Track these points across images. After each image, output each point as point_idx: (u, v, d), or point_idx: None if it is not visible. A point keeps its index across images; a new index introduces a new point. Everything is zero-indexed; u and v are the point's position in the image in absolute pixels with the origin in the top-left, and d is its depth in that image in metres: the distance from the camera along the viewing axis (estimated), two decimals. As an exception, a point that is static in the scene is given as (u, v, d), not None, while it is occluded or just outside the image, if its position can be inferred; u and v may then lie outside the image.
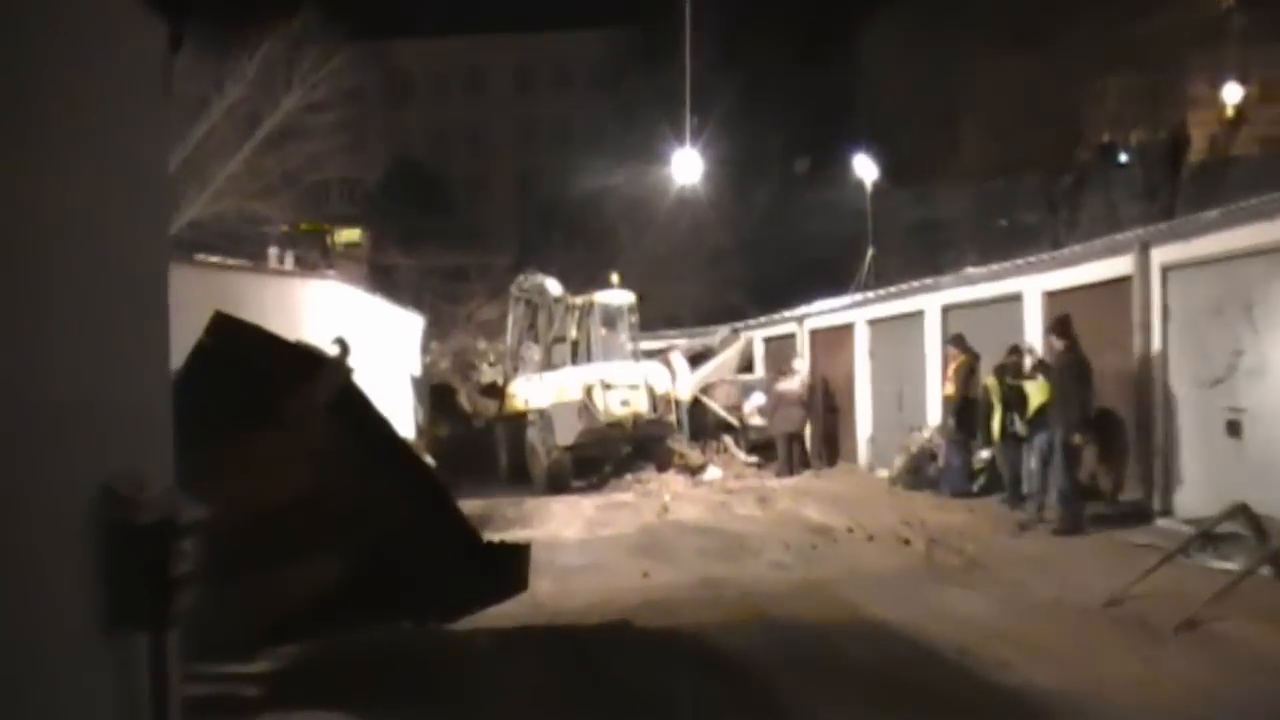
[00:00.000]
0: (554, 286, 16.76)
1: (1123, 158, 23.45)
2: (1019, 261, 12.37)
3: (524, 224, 35.06)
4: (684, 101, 21.96)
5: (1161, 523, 9.23)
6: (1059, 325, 9.60)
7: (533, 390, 16.09)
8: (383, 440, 4.12)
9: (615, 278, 16.55)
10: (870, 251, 21.81)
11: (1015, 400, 10.35)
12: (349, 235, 29.91)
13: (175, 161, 16.37)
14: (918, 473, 12.93)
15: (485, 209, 37.29)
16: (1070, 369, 9.33)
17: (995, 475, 11.44)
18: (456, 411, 19.98)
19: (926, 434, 13.14)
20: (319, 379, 3.91)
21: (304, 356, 4.17)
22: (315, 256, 19.65)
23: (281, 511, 3.75)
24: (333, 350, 11.19)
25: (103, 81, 2.62)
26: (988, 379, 10.98)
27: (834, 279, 21.66)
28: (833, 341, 17.11)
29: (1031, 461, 10.11)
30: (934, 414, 13.34)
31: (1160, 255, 9.68)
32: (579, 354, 15.80)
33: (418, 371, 18.73)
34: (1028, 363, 10.61)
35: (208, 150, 19.11)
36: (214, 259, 11.85)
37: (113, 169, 2.65)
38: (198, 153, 18.72)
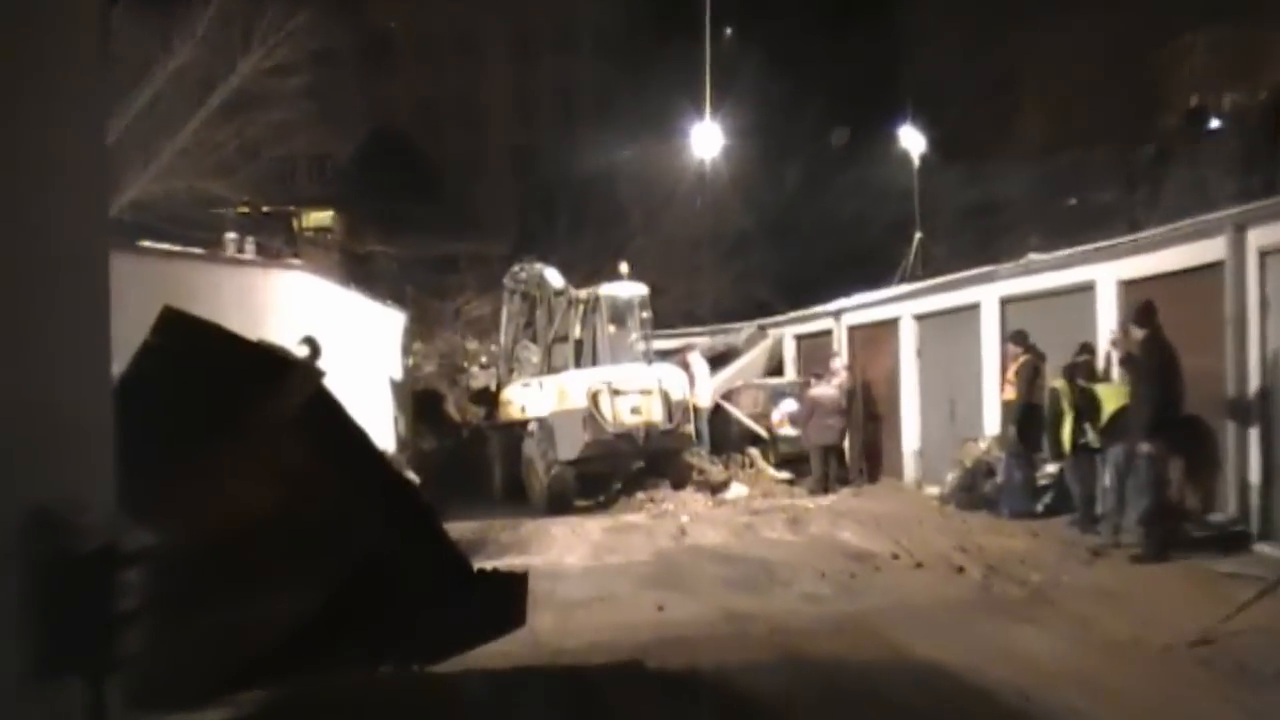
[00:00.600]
0: (555, 278, 16.77)
1: (1213, 124, 23.21)
2: (1090, 246, 12.29)
3: (521, 208, 35.14)
4: (703, 68, 21.95)
5: (1260, 548, 9.14)
6: (1141, 313, 9.50)
7: (531, 396, 16.08)
8: (359, 455, 4.10)
9: (625, 268, 16.53)
10: (917, 236, 21.77)
11: (1087, 405, 10.27)
12: (319, 219, 30.06)
13: (115, 133, 16.36)
14: (973, 490, 12.87)
15: (477, 190, 37.36)
16: (1152, 362, 9.22)
17: (1063, 493, 11.37)
18: (443, 421, 20.00)
19: (983, 445, 13.09)
20: (285, 385, 3.88)
21: (268, 359, 4.15)
22: (279, 243, 19.69)
23: (242, 538, 3.73)
24: (301, 352, 11.23)
25: (24, 37, 2.58)
26: (1055, 381, 10.91)
27: (876, 268, 21.59)
28: (874, 340, 17.06)
29: (1106, 477, 10.03)
30: (992, 422, 13.29)
31: (1258, 237, 9.58)
32: (583, 355, 15.81)
33: (399, 376, 18.76)
34: (1110, 359, 10.52)
35: (153, 120, 19.05)
36: (161, 246, 11.86)
37: (38, 141, 2.62)
38: (141, 123, 18.65)
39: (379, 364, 17.46)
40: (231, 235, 15.41)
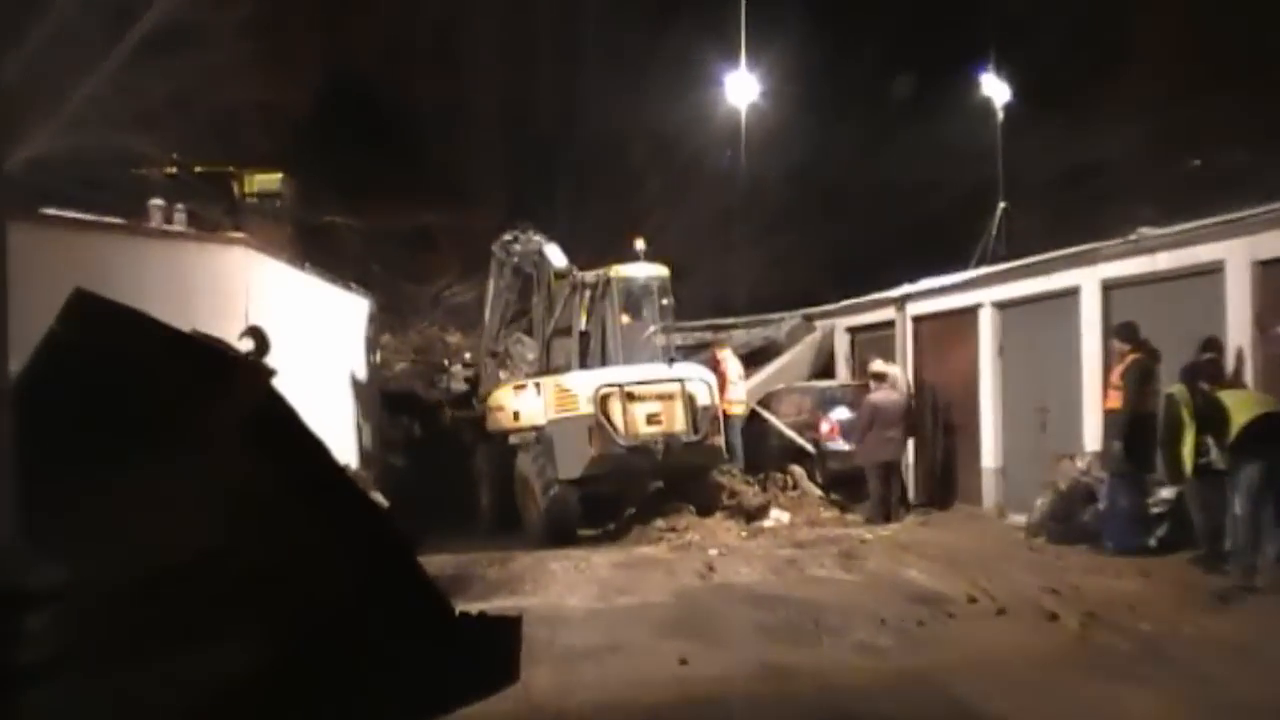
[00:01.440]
0: (557, 256, 16.79)
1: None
2: (1217, 219, 12.21)
3: (514, 172, 35.18)
4: (737, 3, 21.94)
5: None
6: None
7: (525, 401, 16.11)
8: (315, 473, 4.08)
9: (641, 245, 16.51)
10: (1001, 206, 21.75)
11: (1212, 416, 10.19)
12: (265, 182, 29.90)
13: (7, 74, 16.33)
14: (1069, 520, 12.84)
15: (460, 150, 37.37)
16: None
17: (1182, 523, 11.31)
18: (418, 431, 20.04)
19: (1082, 464, 13.06)
20: (224, 387, 3.87)
21: (203, 355, 4.13)
22: (217, 212, 19.69)
23: (175, 575, 3.71)
24: (244, 346, 11.26)
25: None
26: (1173, 386, 10.83)
27: (948, 246, 21.54)
28: (946, 333, 17.03)
29: (1236, 504, 9.96)
30: (1092, 436, 13.25)
31: None
32: (590, 350, 15.83)
33: (364, 376, 18.81)
34: (1242, 359, 10.47)
35: (58, 60, 19.01)
36: (70, 214, 11.88)
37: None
38: (43, 63, 18.62)
39: (340, 361, 17.50)
40: (157, 202, 15.41)
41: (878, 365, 16.38)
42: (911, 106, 28.98)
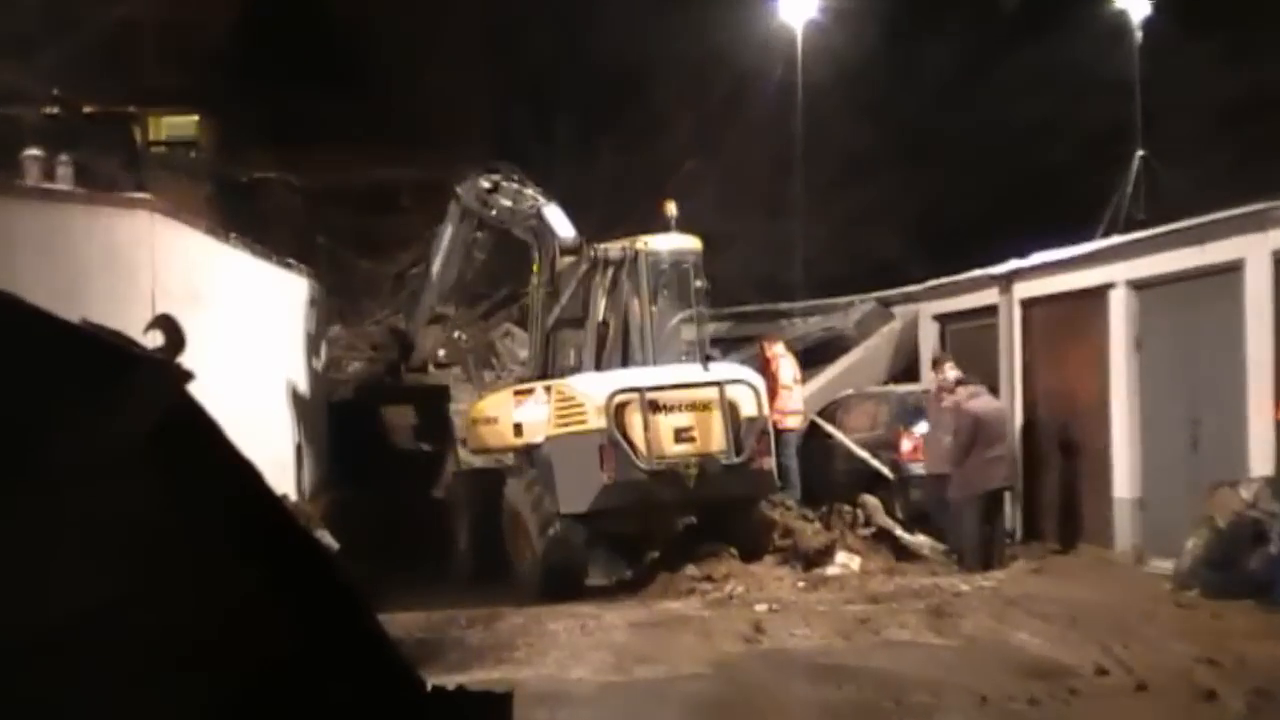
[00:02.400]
0: (562, 222, 16.75)
1: None
2: None
3: (500, 113, 35.18)
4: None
5: None
6: None
7: (519, 412, 16.12)
8: (243, 506, 4.06)
9: (672, 209, 16.44)
10: (1138, 156, 21.63)
11: None
12: (177, 127, 29.94)
13: None
14: (1230, 567, 12.77)
15: (429, 85, 37.33)
16: None
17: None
18: (377, 451, 20.05)
19: (1247, 494, 12.98)
20: (124, 393, 3.86)
21: (96, 352, 4.11)
22: (114, 165, 19.72)
23: (58, 637, 3.70)
24: (150, 342, 11.30)
25: None
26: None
27: (1069, 208, 21.47)
28: (1067, 322, 16.97)
29: None
30: (1262, 457, 13.20)
31: None
32: (604, 347, 15.85)
33: (307, 379, 18.83)
34: None
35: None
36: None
37: None
38: None
39: (275, 361, 17.51)
40: (34, 152, 15.45)
41: (951, 369, 16.28)
42: (1022, 23, 28.96)
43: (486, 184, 17.66)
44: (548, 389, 15.75)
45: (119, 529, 3.74)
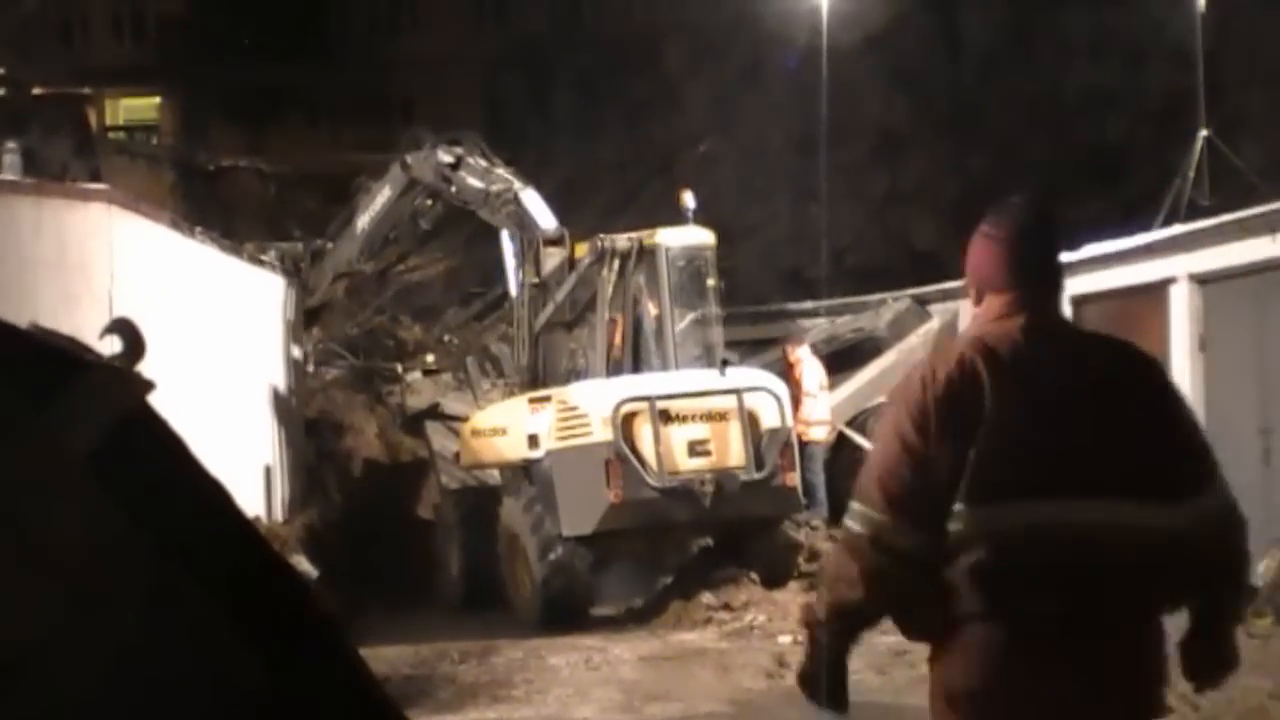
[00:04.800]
0: (543, 211, 16.82)
1: None
2: None
3: (489, 86, 35.17)
4: None
5: None
6: None
7: (515, 422, 16.14)
8: (210, 529, 4.07)
9: (689, 199, 16.46)
10: (1201, 136, 21.54)
11: None
12: (136, 109, 29.86)
13: None
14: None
15: (412, 57, 37.30)
16: None
17: None
18: (358, 468, 20.08)
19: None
20: (76, 403, 3.87)
21: (45, 359, 4.13)
22: (66, 152, 19.78)
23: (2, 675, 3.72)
24: (107, 347, 11.33)
25: None
26: None
27: (1126, 191, 21.42)
28: (1122, 320, 16.88)
29: None
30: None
31: None
32: (612, 350, 15.86)
33: (282, 387, 18.84)
34: None
35: None
36: None
37: None
38: None
39: (245, 368, 17.52)
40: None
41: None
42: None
43: (448, 158, 17.69)
44: (547, 398, 15.76)
45: (65, 555, 3.75)
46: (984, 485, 3.83)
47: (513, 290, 17.27)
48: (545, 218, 16.76)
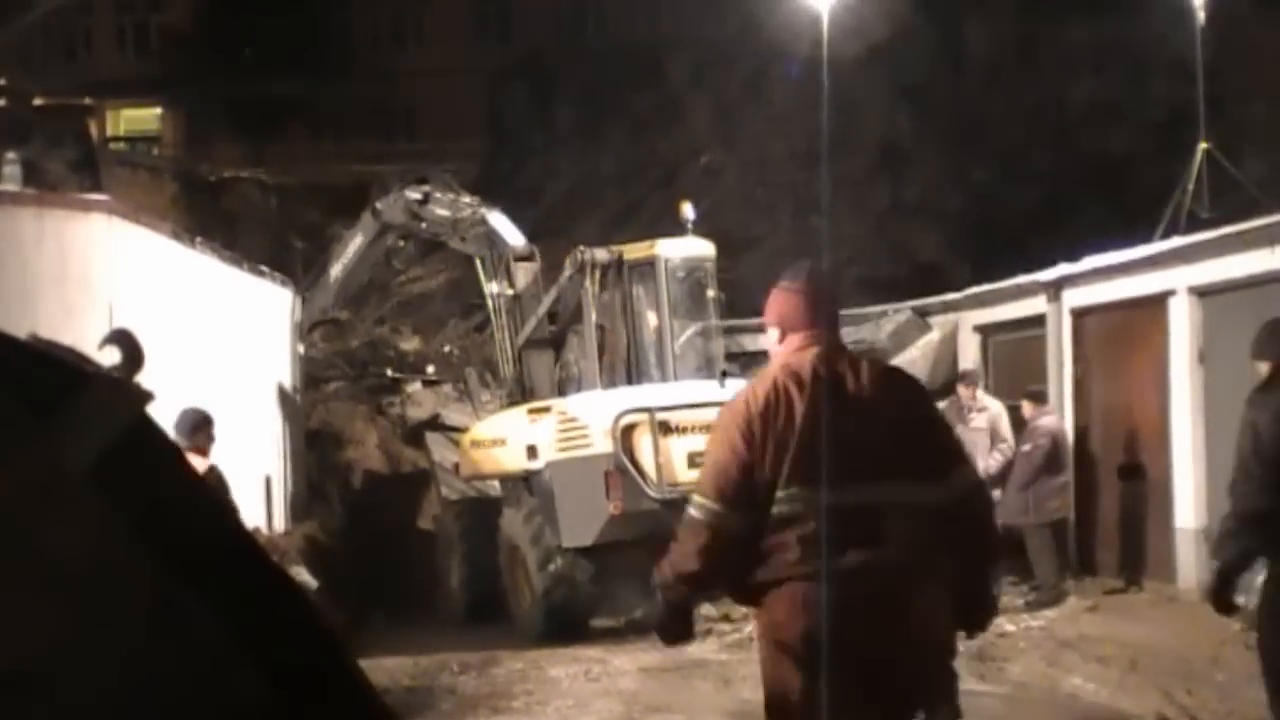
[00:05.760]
0: (511, 231, 17.05)
1: None
2: None
3: (492, 99, 35.18)
4: None
5: None
6: None
7: (514, 430, 16.14)
8: (210, 540, 4.06)
9: (689, 211, 16.55)
10: (1201, 147, 21.53)
11: None
12: (138, 120, 29.89)
13: None
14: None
15: (415, 70, 37.34)
16: None
17: None
18: (359, 478, 20.07)
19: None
20: (75, 416, 3.87)
21: (44, 370, 4.12)
22: (65, 163, 19.78)
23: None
24: (106, 359, 11.32)
25: None
26: None
27: (1126, 205, 21.39)
28: (1121, 333, 16.93)
29: None
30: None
31: None
32: (606, 361, 15.87)
33: (282, 398, 18.84)
34: None
35: None
36: None
37: None
38: None
39: (246, 379, 17.52)
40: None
41: (979, 394, 16.49)
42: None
43: (416, 195, 18.03)
44: (546, 409, 15.79)
45: (64, 567, 3.74)
46: (803, 475, 5.06)
47: (489, 305, 17.45)
48: (514, 235, 17.12)
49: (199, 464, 11.00)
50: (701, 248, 16.24)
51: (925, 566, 5.19)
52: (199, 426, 10.91)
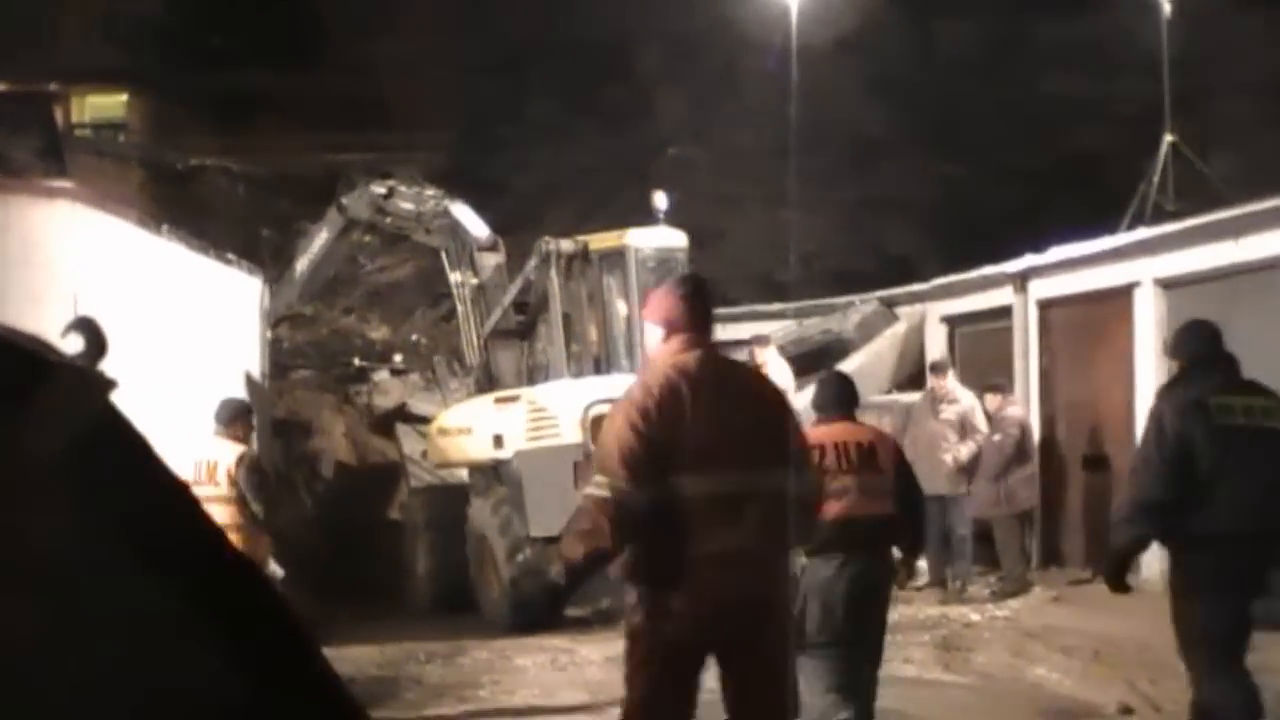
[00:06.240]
0: (475, 222, 17.03)
1: None
2: None
3: (463, 90, 35.08)
4: None
5: None
6: None
7: (481, 419, 16.13)
8: (175, 530, 4.04)
9: (661, 200, 16.57)
10: (1167, 140, 21.62)
11: None
12: (103, 107, 29.72)
13: None
14: (1270, 594, 12.75)
15: (385, 60, 37.20)
16: None
17: None
18: (326, 468, 20.03)
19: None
20: (37, 404, 3.84)
21: (7, 359, 4.10)
22: (30, 150, 19.65)
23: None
24: (70, 346, 11.29)
25: None
26: None
27: (1091, 199, 21.44)
28: (1087, 324, 16.99)
29: None
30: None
31: None
32: (578, 352, 15.88)
33: (250, 388, 18.78)
34: None
35: None
36: None
37: None
38: None
39: (213, 367, 17.45)
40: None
41: (944, 381, 16.46)
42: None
43: (381, 190, 18.08)
44: (515, 398, 15.79)
45: (27, 559, 3.71)
46: (692, 463, 5.73)
47: (455, 295, 17.47)
48: (477, 226, 17.16)
49: (236, 450, 11.10)
50: (673, 238, 16.25)
51: (783, 548, 6.14)
52: (237, 415, 11.18)
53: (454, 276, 17.23)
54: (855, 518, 8.20)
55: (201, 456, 11.16)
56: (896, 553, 9.34)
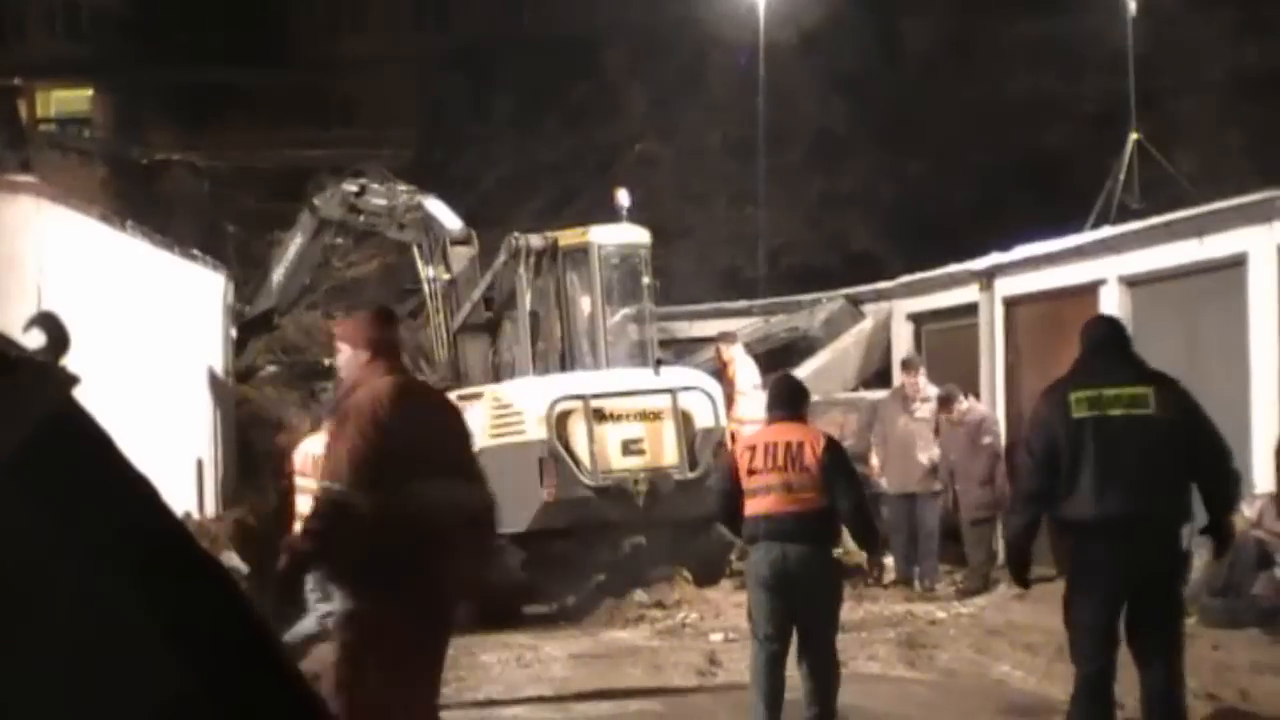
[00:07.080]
0: (448, 216, 16.99)
1: None
2: None
3: (429, 86, 35.01)
4: None
5: None
6: None
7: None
8: (137, 526, 4.01)
9: (624, 197, 16.56)
10: (1132, 138, 21.67)
11: None
12: (68, 101, 29.58)
13: None
14: (1232, 592, 12.79)
15: (351, 56, 37.13)
16: None
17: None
18: (289, 466, 19.95)
19: (1250, 512, 13.00)
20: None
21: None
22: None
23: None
24: (31, 341, 11.22)
25: None
26: None
27: (1056, 197, 21.48)
28: (1052, 322, 16.98)
29: None
30: (1268, 473, 13.22)
31: None
32: (540, 347, 15.85)
33: (214, 384, 18.70)
34: None
35: None
36: None
37: None
38: None
39: (176, 364, 17.37)
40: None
41: (917, 380, 16.46)
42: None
43: (353, 187, 18.06)
44: (479, 394, 15.76)
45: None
46: (404, 473, 6.24)
47: (425, 290, 17.43)
48: (450, 220, 17.17)
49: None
50: (636, 234, 16.25)
51: (473, 552, 6.71)
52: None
53: (426, 271, 17.18)
54: (774, 514, 8.47)
55: (308, 449, 11.46)
56: (852, 545, 9.49)
